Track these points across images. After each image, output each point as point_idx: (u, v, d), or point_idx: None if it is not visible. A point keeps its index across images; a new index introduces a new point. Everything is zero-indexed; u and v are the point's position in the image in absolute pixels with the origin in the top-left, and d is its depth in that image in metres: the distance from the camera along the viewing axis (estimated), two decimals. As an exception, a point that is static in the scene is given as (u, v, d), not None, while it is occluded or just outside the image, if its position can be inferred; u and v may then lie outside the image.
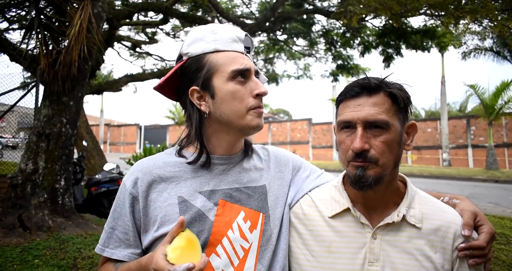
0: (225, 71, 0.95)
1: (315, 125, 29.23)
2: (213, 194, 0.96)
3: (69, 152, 4.70)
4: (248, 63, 0.97)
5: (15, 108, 6.68)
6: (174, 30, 12.14)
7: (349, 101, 0.93)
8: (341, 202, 1.00)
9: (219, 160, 1.00)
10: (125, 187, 0.97)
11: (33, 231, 4.09)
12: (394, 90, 0.91)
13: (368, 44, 9.16)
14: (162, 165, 0.98)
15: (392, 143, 0.89)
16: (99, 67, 8.34)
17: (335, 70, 10.79)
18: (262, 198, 1.01)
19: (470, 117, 23.64)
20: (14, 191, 4.29)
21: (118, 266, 0.95)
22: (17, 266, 3.49)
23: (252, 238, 0.95)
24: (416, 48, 8.35)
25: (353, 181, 0.91)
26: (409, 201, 0.96)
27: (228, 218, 0.95)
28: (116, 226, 0.97)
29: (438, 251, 0.90)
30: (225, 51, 0.97)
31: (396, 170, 0.95)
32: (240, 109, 0.95)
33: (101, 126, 33.91)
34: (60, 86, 4.45)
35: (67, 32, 4.17)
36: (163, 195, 0.95)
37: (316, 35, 10.43)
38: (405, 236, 0.92)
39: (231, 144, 1.01)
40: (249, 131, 0.97)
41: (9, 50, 5.01)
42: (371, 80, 0.92)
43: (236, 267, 0.92)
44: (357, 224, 0.96)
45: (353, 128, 0.91)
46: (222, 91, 0.95)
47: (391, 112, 0.90)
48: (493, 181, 14.71)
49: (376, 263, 0.91)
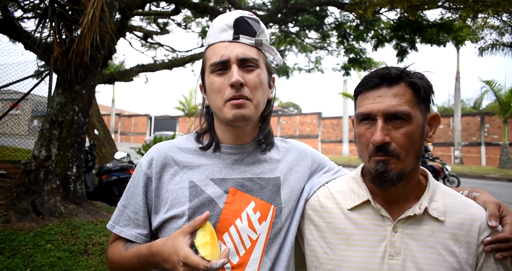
0: (207, 66, 0.96)
1: (325, 119, 29.02)
2: (224, 182, 0.96)
3: (81, 140, 4.76)
4: (227, 54, 0.92)
5: (29, 96, 6.79)
6: (185, 21, 12.11)
7: (368, 93, 0.90)
8: (360, 194, 0.97)
9: (230, 150, 1.00)
10: (141, 167, 0.99)
11: (45, 216, 4.17)
12: (415, 80, 0.87)
13: (382, 38, 9.00)
14: (177, 150, 1.00)
15: (414, 135, 0.86)
16: (111, 56, 8.39)
17: (347, 63, 10.66)
18: (274, 190, 0.99)
19: (485, 114, 23.16)
20: (28, 177, 4.37)
21: (128, 247, 0.96)
22: (30, 250, 3.57)
23: (260, 230, 0.94)
24: (431, 42, 8.18)
25: (374, 177, 0.88)
26: (430, 194, 0.93)
27: (237, 207, 0.94)
28: (128, 205, 0.99)
29: (462, 245, 0.87)
30: (214, 44, 0.97)
31: (418, 163, 0.92)
32: (218, 101, 0.94)
33: (112, 116, 34.28)
34: (73, 75, 4.48)
35: (80, 21, 4.19)
36: (175, 179, 0.96)
37: (328, 28, 10.29)
38: (427, 229, 0.90)
39: (234, 135, 1.00)
40: (230, 123, 0.94)
41: (23, 38, 5.07)
42: (391, 70, 0.88)
43: (242, 257, 0.92)
44: (377, 217, 0.94)
45: (373, 120, 0.88)
46: (207, 85, 0.97)
47: (413, 103, 0.87)
48: (506, 180, 14.44)
49: (397, 256, 0.89)
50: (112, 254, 1.00)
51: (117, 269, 1.00)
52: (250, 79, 0.93)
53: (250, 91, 0.93)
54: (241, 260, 0.91)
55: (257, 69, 0.95)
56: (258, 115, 0.98)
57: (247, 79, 0.93)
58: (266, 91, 1.00)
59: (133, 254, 0.92)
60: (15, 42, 6.39)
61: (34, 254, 3.50)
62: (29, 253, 3.50)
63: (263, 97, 0.98)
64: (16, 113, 8.15)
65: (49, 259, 3.44)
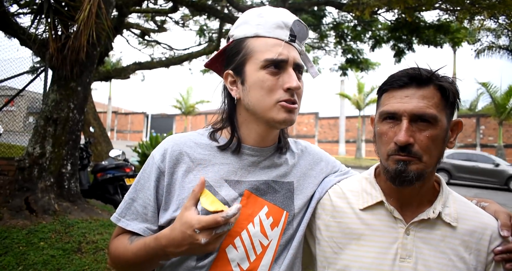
0: (258, 59, 0.90)
1: (322, 119, 29.08)
2: (239, 184, 0.93)
3: (76, 137, 4.73)
4: (286, 54, 0.89)
5: (24, 93, 6.73)
6: (183, 19, 12.07)
7: (395, 92, 0.88)
8: (373, 195, 0.96)
9: (250, 151, 0.96)
10: (154, 160, 0.94)
11: (39, 214, 4.14)
12: (445, 84, 0.86)
13: (379, 38, 9.03)
14: (193, 145, 0.95)
15: (437, 139, 0.85)
16: (108, 53, 8.34)
17: (344, 64, 10.69)
18: (288, 196, 0.97)
19: (480, 116, 23.31)
20: (22, 174, 4.34)
21: (133, 240, 0.91)
22: (23, 248, 3.54)
23: (272, 236, 0.92)
24: (428, 43, 8.21)
25: (393, 175, 0.87)
26: (444, 199, 0.92)
27: (250, 211, 0.91)
28: (137, 198, 0.94)
29: (472, 252, 0.87)
30: (266, 37, 0.91)
31: (436, 167, 0.91)
32: (266, 100, 0.89)
33: (109, 114, 34.14)
34: (68, 71, 4.45)
35: (76, 17, 4.15)
36: (189, 176, 0.92)
37: (326, 28, 10.30)
38: (439, 234, 0.89)
39: (262, 136, 0.96)
40: (275, 125, 0.91)
41: (19, 34, 5.01)
42: (422, 71, 0.87)
43: (252, 262, 0.89)
44: (390, 219, 0.93)
45: (398, 120, 0.86)
46: (252, 78, 0.90)
47: (440, 107, 0.85)
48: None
49: (408, 259, 0.88)
50: (115, 249, 0.94)
51: (121, 264, 0.93)
52: (301, 87, 0.92)
53: (298, 98, 0.91)
54: (251, 266, 0.89)
55: (301, 77, 0.94)
56: None
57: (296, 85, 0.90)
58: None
59: (139, 248, 0.87)
60: (10, 37, 6.33)
61: (27, 252, 3.47)
62: (21, 251, 3.47)
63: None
64: (12, 110, 8.08)
65: (42, 257, 3.42)
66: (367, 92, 24.09)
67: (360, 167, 17.85)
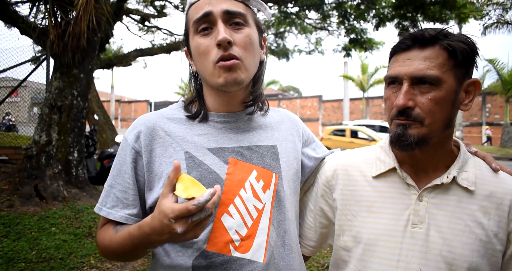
0: (191, 26, 0.86)
1: (325, 102, 28.88)
2: (223, 152, 0.90)
3: (81, 124, 4.75)
4: (209, 8, 0.82)
5: (28, 84, 6.73)
6: (183, 3, 11.86)
7: (399, 55, 0.86)
8: (386, 162, 0.95)
9: (219, 118, 0.94)
10: (127, 142, 0.90)
11: (49, 200, 4.20)
12: (452, 43, 0.81)
13: (383, 17, 8.82)
14: (166, 121, 0.92)
15: (442, 101, 0.82)
16: (109, 40, 8.27)
17: (347, 44, 10.49)
18: (274, 158, 0.96)
19: (486, 94, 22.99)
20: (30, 162, 4.38)
21: (118, 229, 0.88)
22: (35, 233, 3.62)
23: (265, 199, 0.91)
24: (434, 20, 7.99)
25: (393, 140, 0.85)
26: (460, 163, 0.89)
27: (240, 177, 0.89)
28: (115, 184, 0.91)
29: (492, 218, 0.85)
30: (196, 2, 0.86)
31: (449, 131, 0.88)
32: (206, 65, 0.85)
33: (112, 102, 34.14)
34: (70, 58, 4.42)
35: (75, 2, 4.09)
36: (169, 150, 0.88)
37: (329, 8, 10.07)
38: (455, 200, 0.87)
39: (222, 102, 0.93)
40: (222, 89, 0.86)
41: (18, 23, 4.96)
42: (427, 31, 0.83)
43: (250, 227, 0.87)
44: (402, 185, 0.91)
45: (400, 84, 0.84)
46: (193, 48, 0.88)
47: (445, 67, 0.81)
48: (507, 159, 14.46)
49: (420, 225, 0.87)
50: (101, 239, 0.91)
51: (109, 254, 0.91)
52: (239, 38, 0.84)
53: (240, 51, 0.83)
54: (250, 231, 0.87)
55: (246, 27, 0.86)
56: (250, 78, 0.90)
57: (235, 38, 0.83)
58: (258, 51, 0.91)
59: (124, 237, 0.84)
60: (10, 27, 6.28)
61: (39, 237, 3.54)
62: (34, 236, 3.55)
63: (254, 58, 0.89)
64: (16, 101, 8.11)
65: (54, 242, 3.49)
66: (371, 73, 23.80)
67: (365, 148, 17.84)
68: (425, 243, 0.86)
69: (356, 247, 0.93)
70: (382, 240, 0.89)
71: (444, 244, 0.84)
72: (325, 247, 1.10)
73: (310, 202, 1.08)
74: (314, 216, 1.06)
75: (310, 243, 1.08)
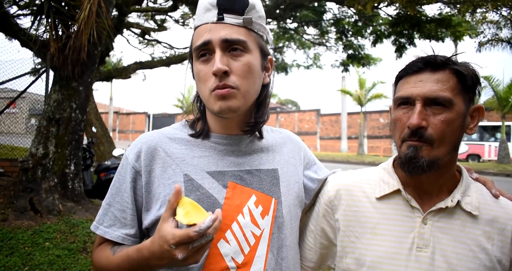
0: (193, 50, 0.87)
1: (323, 116, 29.00)
2: (222, 175, 0.89)
3: (78, 137, 4.72)
4: (209, 36, 0.82)
5: (26, 95, 6.73)
6: (183, 18, 12.02)
7: (410, 77, 0.87)
8: (390, 184, 0.94)
9: (220, 139, 0.93)
10: (127, 160, 0.90)
11: (43, 214, 4.14)
12: (461, 68, 0.84)
13: (380, 33, 8.96)
14: (168, 141, 0.91)
15: (453, 123, 0.83)
16: (109, 53, 8.33)
17: (345, 60, 10.63)
18: (274, 183, 0.94)
19: (483, 110, 23.12)
20: (25, 174, 4.33)
21: (115, 250, 0.87)
22: (29, 248, 3.54)
23: (263, 225, 0.89)
24: (430, 37, 8.13)
25: (403, 162, 0.85)
26: (464, 188, 0.90)
27: (238, 202, 0.88)
28: (113, 203, 0.90)
29: (495, 244, 0.85)
30: (199, 27, 0.87)
31: (455, 154, 0.88)
32: (204, 91, 0.86)
33: (110, 114, 34.14)
34: (70, 71, 4.43)
35: (77, 16, 4.13)
36: (168, 172, 0.87)
37: (327, 24, 10.24)
38: (459, 224, 0.87)
39: (225, 125, 0.93)
40: (218, 115, 0.87)
41: (19, 36, 5.00)
42: (437, 56, 0.86)
43: (247, 254, 0.85)
44: (406, 208, 0.91)
45: (412, 105, 0.85)
46: (195, 72, 0.89)
47: (456, 91, 0.83)
48: (504, 175, 14.47)
49: (425, 249, 0.86)
50: (98, 259, 0.90)
51: None
52: (236, 66, 0.83)
53: (237, 79, 0.83)
54: (246, 259, 0.85)
55: (245, 54, 0.85)
56: (248, 105, 0.88)
57: (233, 66, 0.83)
58: (259, 77, 0.90)
59: (122, 259, 0.83)
60: (11, 39, 6.32)
61: (32, 252, 3.47)
62: (27, 252, 3.47)
63: (254, 84, 0.88)
64: (14, 112, 8.10)
65: (47, 257, 3.42)
66: (368, 87, 23.99)
67: (363, 163, 17.81)
68: (430, 267, 0.84)
69: (359, 269, 0.91)
70: (386, 263, 0.88)
71: (449, 269, 0.83)
72: (324, 268, 1.08)
73: (311, 222, 1.07)
74: (315, 237, 1.05)
75: (309, 264, 1.06)
